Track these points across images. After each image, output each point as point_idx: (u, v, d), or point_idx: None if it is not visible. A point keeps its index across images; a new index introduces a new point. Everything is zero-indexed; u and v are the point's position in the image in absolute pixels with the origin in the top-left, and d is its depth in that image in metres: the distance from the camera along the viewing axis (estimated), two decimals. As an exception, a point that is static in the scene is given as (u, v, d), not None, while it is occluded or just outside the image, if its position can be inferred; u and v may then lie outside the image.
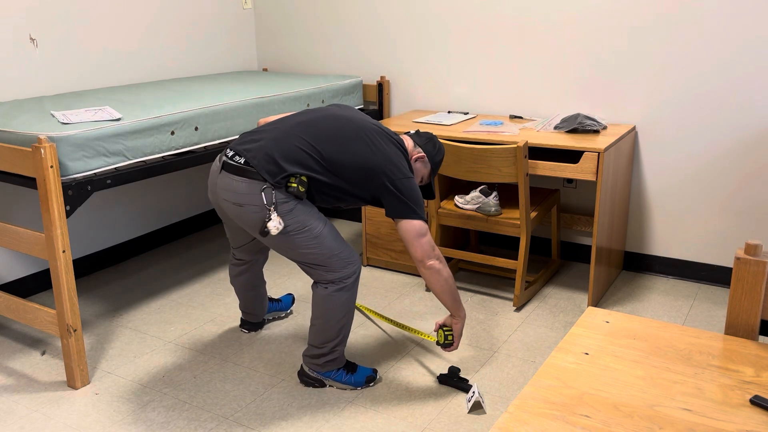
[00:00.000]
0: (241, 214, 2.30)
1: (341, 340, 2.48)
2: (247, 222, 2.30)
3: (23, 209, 3.28)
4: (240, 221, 2.34)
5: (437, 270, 2.34)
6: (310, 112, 2.44)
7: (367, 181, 2.30)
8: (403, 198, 2.29)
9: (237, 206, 2.30)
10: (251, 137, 2.35)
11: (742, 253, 1.30)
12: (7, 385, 2.61)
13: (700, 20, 3.13)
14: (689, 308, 3.15)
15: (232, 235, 2.66)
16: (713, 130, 3.21)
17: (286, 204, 2.27)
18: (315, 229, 2.32)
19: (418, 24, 3.83)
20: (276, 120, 2.43)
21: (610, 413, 1.09)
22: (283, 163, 2.26)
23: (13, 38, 3.13)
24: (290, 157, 2.27)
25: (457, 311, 2.43)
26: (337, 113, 2.41)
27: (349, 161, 2.29)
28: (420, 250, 2.31)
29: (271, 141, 2.30)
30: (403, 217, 2.30)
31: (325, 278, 2.39)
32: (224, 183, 2.32)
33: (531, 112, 3.64)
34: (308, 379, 2.55)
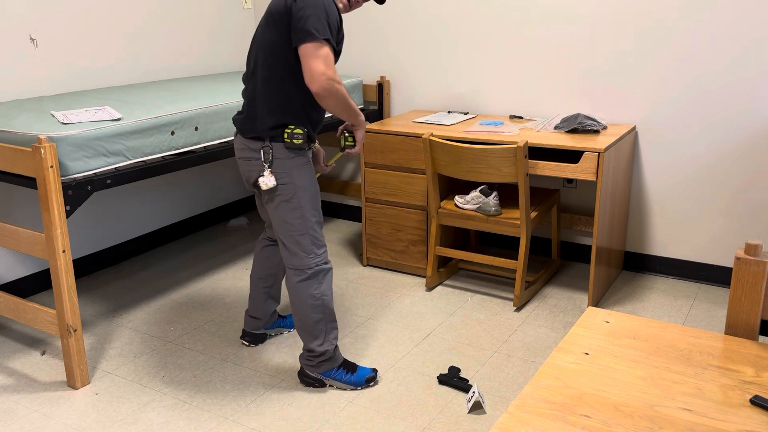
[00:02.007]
0: (249, 169, 2.41)
1: (324, 339, 2.49)
2: (251, 177, 2.42)
3: (23, 209, 3.28)
4: (247, 177, 2.44)
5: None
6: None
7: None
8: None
9: (246, 161, 2.41)
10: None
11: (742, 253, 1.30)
12: (7, 385, 2.61)
13: (700, 21, 3.13)
14: (689, 308, 3.15)
15: (260, 205, 2.67)
16: (713, 129, 3.21)
17: (282, 161, 2.35)
18: (302, 199, 2.39)
19: (418, 24, 3.83)
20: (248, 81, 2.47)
21: (610, 413, 1.09)
22: (265, 118, 2.34)
23: (13, 38, 3.13)
24: (268, 109, 2.34)
25: (356, 119, 2.44)
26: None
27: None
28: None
29: (248, 102, 2.41)
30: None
31: (291, 262, 2.44)
32: (237, 144, 2.46)
33: (531, 112, 3.64)
34: (308, 379, 2.56)
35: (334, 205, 4.48)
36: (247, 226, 4.36)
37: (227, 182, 4.42)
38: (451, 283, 3.45)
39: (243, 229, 4.31)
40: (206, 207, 4.31)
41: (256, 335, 2.86)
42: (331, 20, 2.22)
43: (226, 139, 3.07)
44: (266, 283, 2.78)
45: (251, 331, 2.86)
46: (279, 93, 2.31)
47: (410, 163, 3.38)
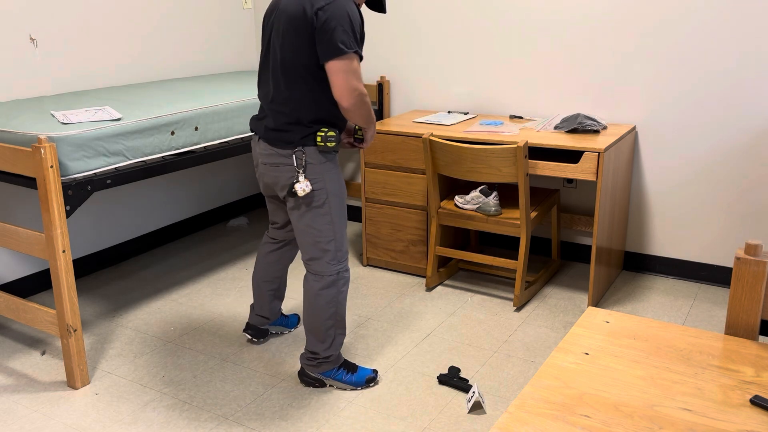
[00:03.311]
0: (277, 175, 2.37)
1: (331, 343, 2.48)
2: (280, 183, 2.38)
3: (23, 209, 3.28)
4: (274, 183, 2.40)
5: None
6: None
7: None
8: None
9: (273, 167, 2.36)
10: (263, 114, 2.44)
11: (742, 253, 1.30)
12: (7, 385, 2.61)
13: (701, 21, 3.13)
14: (689, 308, 3.15)
15: (272, 209, 2.65)
16: (713, 130, 3.21)
17: (315, 167, 2.33)
18: (333, 205, 2.39)
19: (418, 24, 3.83)
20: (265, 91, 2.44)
21: (610, 413, 1.09)
22: (296, 125, 2.32)
23: (13, 38, 3.13)
24: (295, 115, 2.31)
25: (372, 124, 2.42)
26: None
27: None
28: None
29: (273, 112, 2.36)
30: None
31: (314, 268, 2.43)
32: (260, 149, 2.41)
33: (531, 112, 3.64)
34: (308, 379, 2.56)
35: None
36: (247, 226, 4.36)
37: (227, 182, 4.42)
38: (451, 283, 3.45)
39: (243, 229, 4.31)
40: (206, 207, 4.31)
41: (259, 330, 2.86)
42: (356, 26, 2.20)
43: (226, 139, 3.07)
44: (272, 286, 2.77)
45: (256, 326, 2.85)
46: (308, 99, 2.27)
47: (410, 163, 3.38)
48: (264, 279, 2.75)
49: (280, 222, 2.66)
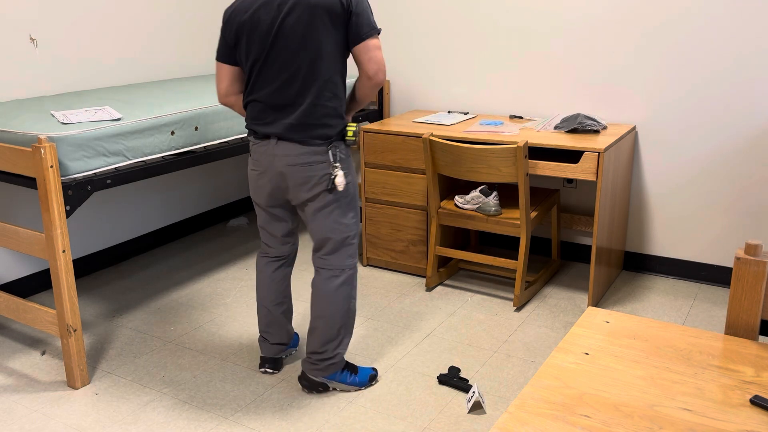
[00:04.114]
0: (310, 174, 2.27)
1: (340, 342, 2.47)
2: (312, 181, 2.28)
3: (23, 209, 3.28)
4: (304, 182, 2.29)
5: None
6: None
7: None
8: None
9: (306, 166, 2.27)
10: (273, 116, 2.30)
11: (742, 253, 1.30)
12: (7, 385, 2.61)
13: (701, 22, 3.13)
14: (689, 308, 3.15)
15: (271, 221, 2.47)
16: (713, 129, 3.21)
17: (345, 160, 2.34)
18: (355, 198, 2.41)
19: (418, 24, 3.83)
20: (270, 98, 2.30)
21: (610, 413, 1.09)
22: (328, 120, 2.28)
23: (13, 38, 3.13)
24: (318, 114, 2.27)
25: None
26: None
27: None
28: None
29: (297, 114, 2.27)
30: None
31: (331, 263, 2.39)
32: (289, 151, 2.27)
33: (531, 112, 3.64)
34: (309, 383, 2.51)
35: (334, 205, 4.47)
36: (247, 226, 4.36)
37: (227, 182, 4.42)
38: (451, 283, 3.45)
39: (243, 229, 4.31)
40: (206, 207, 4.31)
41: (277, 360, 2.66)
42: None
43: (226, 139, 3.07)
44: (283, 308, 2.61)
45: (273, 357, 2.65)
46: (334, 93, 2.27)
47: (410, 163, 3.38)
48: (275, 302, 2.58)
49: (279, 234, 2.49)
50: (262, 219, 2.50)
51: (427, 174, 3.18)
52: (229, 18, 2.28)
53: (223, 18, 2.30)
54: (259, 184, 2.38)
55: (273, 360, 2.65)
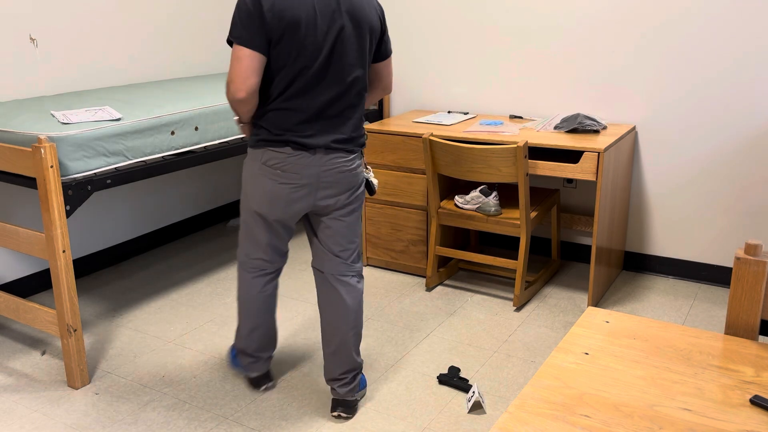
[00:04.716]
0: (352, 180, 2.21)
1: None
2: (354, 185, 2.23)
3: (23, 209, 3.28)
4: (348, 188, 2.22)
5: None
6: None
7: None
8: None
9: (350, 172, 2.20)
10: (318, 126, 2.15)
11: (742, 253, 1.30)
12: (7, 385, 2.61)
13: (701, 22, 3.13)
14: (689, 308, 3.15)
15: (284, 241, 2.32)
16: (713, 129, 3.21)
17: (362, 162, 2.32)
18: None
19: (418, 24, 3.83)
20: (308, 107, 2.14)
21: (610, 413, 1.09)
22: (360, 128, 2.25)
23: (13, 38, 3.13)
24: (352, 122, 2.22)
25: None
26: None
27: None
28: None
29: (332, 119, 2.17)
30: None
31: (355, 268, 2.33)
32: (332, 159, 2.17)
33: (531, 112, 3.64)
34: (352, 408, 2.36)
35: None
36: (247, 226, 4.36)
37: (227, 182, 4.42)
38: (451, 283, 3.45)
39: (243, 229, 4.31)
40: (206, 207, 4.31)
41: (269, 371, 2.58)
42: None
43: (226, 139, 3.07)
44: (274, 315, 2.48)
45: (269, 371, 2.58)
46: (364, 104, 2.27)
47: (410, 163, 3.38)
48: (270, 314, 2.42)
49: (285, 248, 2.36)
50: (268, 236, 2.28)
51: (427, 174, 3.17)
52: (274, 8, 2.00)
53: (262, 4, 2.00)
54: (293, 198, 2.15)
55: (266, 374, 2.54)
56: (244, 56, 2.00)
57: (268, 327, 2.44)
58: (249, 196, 2.21)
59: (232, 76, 2.02)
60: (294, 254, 3.85)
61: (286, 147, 2.11)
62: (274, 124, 2.10)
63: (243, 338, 2.43)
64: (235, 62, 2.01)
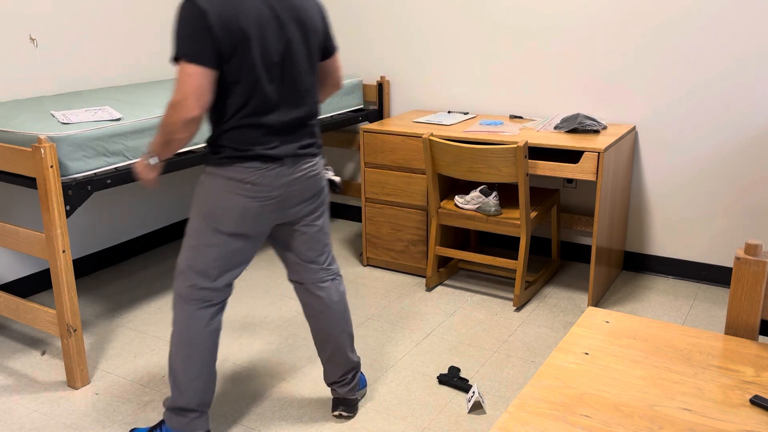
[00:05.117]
0: (320, 182, 2.18)
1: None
2: (321, 187, 2.19)
3: (23, 209, 3.28)
4: (317, 192, 2.18)
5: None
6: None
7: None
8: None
9: (317, 176, 2.16)
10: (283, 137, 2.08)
11: (742, 253, 1.30)
12: (7, 385, 2.61)
13: (701, 22, 3.13)
14: (689, 308, 3.15)
15: (245, 261, 2.14)
16: (713, 129, 3.21)
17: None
18: None
19: (418, 24, 3.83)
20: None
21: (610, 413, 1.09)
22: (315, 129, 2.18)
23: (13, 38, 3.13)
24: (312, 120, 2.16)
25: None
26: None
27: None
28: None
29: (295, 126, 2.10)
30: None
31: (338, 268, 2.32)
32: (303, 165, 2.11)
33: (531, 112, 3.65)
34: (353, 407, 2.37)
35: (334, 205, 4.48)
36: (247, 226, 4.36)
37: (227, 182, 4.42)
38: (451, 283, 3.45)
39: (243, 229, 4.31)
40: (206, 207, 4.31)
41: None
42: None
43: (226, 139, 3.07)
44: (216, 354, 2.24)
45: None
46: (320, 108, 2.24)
47: (410, 163, 3.38)
48: (214, 354, 2.17)
49: (241, 271, 2.17)
50: (231, 257, 2.08)
51: (427, 174, 3.18)
52: (220, 19, 1.87)
53: (207, 15, 1.86)
54: (266, 211, 2.06)
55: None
56: (194, 73, 1.86)
57: (213, 371, 2.16)
58: (214, 216, 2.03)
59: (184, 95, 1.86)
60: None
61: (254, 161, 2.00)
62: (238, 141, 1.99)
63: (183, 392, 2.12)
64: (185, 79, 1.85)
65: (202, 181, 2.07)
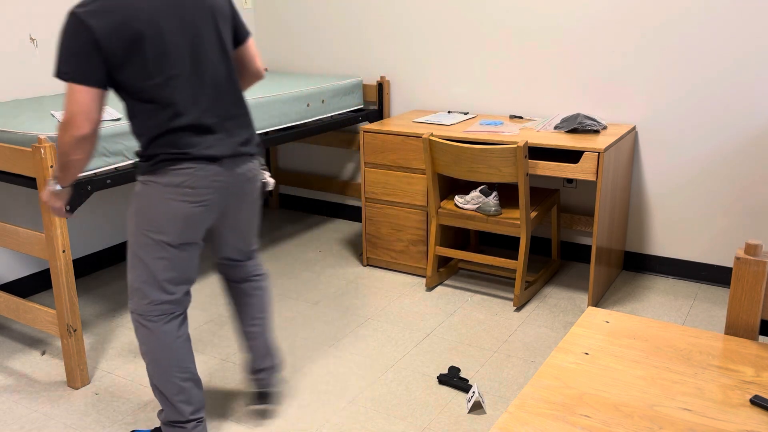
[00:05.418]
0: (257, 184, 2.15)
1: None
2: (256, 189, 2.16)
3: (23, 209, 3.28)
4: (252, 196, 2.15)
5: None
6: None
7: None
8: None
9: (255, 179, 2.12)
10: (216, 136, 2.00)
11: (742, 253, 1.30)
12: (7, 385, 2.61)
13: (701, 22, 3.13)
14: (689, 308, 3.15)
15: (194, 265, 2.08)
16: (713, 129, 3.21)
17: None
18: None
19: (418, 24, 3.83)
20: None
21: (610, 413, 1.09)
22: (253, 127, 2.13)
23: (13, 38, 3.13)
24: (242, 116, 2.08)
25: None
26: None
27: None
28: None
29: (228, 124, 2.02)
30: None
31: (258, 260, 2.33)
32: (249, 167, 2.08)
33: (531, 112, 3.65)
34: (278, 395, 2.46)
35: (334, 204, 4.48)
36: (247, 226, 4.36)
37: (227, 182, 4.42)
38: (451, 283, 3.45)
39: (243, 229, 4.31)
40: (206, 207, 4.31)
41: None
42: None
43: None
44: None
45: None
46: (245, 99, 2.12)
47: (410, 163, 3.38)
48: (192, 358, 2.13)
49: (194, 276, 2.11)
50: (183, 266, 2.03)
51: (427, 174, 3.18)
52: (108, 27, 1.78)
53: (92, 30, 1.76)
54: (205, 213, 1.99)
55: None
56: (80, 92, 1.78)
57: (196, 378, 2.12)
58: (157, 227, 1.96)
59: (71, 114, 1.79)
60: (294, 254, 3.85)
61: (190, 163, 1.92)
62: (170, 145, 1.90)
63: (174, 406, 2.09)
64: (72, 99, 1.79)
65: (137, 192, 1.97)
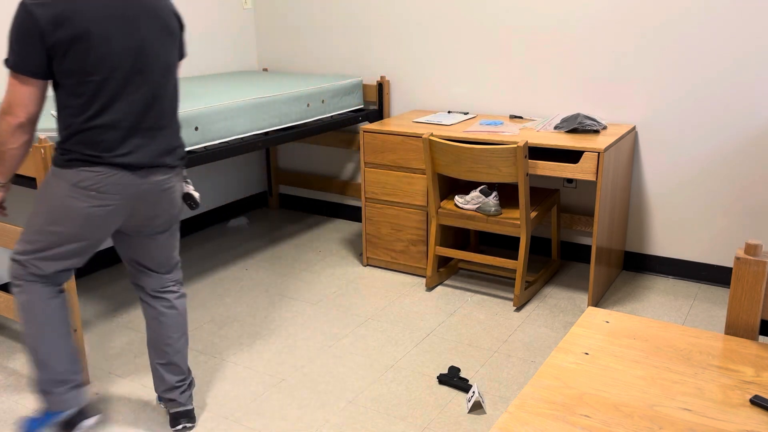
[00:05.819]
0: (177, 196, 2.14)
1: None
2: (177, 203, 2.15)
3: (23, 209, 3.28)
4: (170, 208, 2.13)
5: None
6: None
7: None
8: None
9: (173, 190, 2.12)
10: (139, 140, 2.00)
11: (742, 253, 1.30)
12: (7, 385, 2.61)
13: (701, 22, 3.13)
14: (689, 308, 3.15)
15: (86, 254, 2.08)
16: (713, 129, 3.21)
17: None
18: None
19: (418, 24, 3.83)
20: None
21: (610, 413, 1.09)
22: (180, 139, 2.13)
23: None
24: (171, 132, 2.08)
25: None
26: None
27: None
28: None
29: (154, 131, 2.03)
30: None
31: (178, 275, 2.29)
32: (159, 175, 2.06)
33: (531, 112, 3.65)
34: (192, 414, 2.33)
35: (334, 204, 4.48)
36: (247, 226, 4.36)
37: (227, 182, 4.42)
38: (451, 283, 3.45)
39: (243, 229, 4.31)
40: (206, 207, 4.31)
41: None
42: None
43: (226, 139, 3.07)
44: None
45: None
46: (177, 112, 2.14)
47: (410, 163, 3.38)
48: (67, 323, 2.14)
49: (79, 265, 2.13)
50: (79, 256, 2.06)
51: (427, 174, 3.18)
52: (55, 21, 1.81)
53: (38, 21, 1.80)
54: (109, 220, 2.00)
55: (88, 405, 2.22)
56: (20, 82, 1.85)
57: (71, 344, 2.12)
58: (56, 219, 1.97)
59: (9, 102, 1.86)
60: (294, 254, 3.85)
61: (102, 167, 1.92)
62: (86, 144, 1.91)
63: (48, 365, 2.08)
64: (12, 87, 1.86)
65: (47, 180, 1.99)
